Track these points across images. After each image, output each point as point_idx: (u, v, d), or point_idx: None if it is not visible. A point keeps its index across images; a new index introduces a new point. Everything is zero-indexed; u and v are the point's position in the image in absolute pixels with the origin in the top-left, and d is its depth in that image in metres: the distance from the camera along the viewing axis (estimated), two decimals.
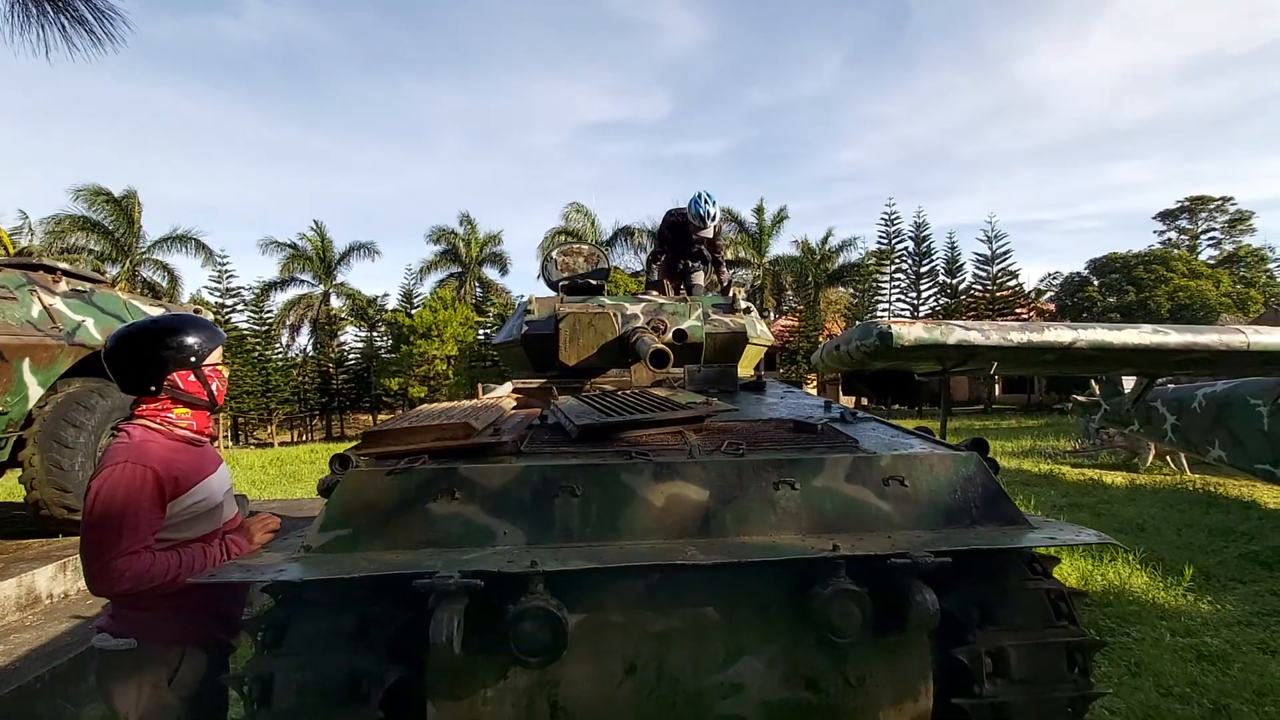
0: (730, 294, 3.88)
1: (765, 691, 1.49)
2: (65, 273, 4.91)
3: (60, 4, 1.54)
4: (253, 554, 1.66)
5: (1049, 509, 7.57)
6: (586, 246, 4.43)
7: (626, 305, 3.49)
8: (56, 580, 4.15)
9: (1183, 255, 25.76)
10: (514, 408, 2.48)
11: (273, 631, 1.43)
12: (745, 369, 3.77)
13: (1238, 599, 4.62)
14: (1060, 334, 3.28)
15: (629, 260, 28.56)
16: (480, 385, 3.02)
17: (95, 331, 4.83)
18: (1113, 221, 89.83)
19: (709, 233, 4.23)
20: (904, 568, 1.37)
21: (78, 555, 4.15)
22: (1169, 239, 32.09)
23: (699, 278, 4.50)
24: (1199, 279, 23.86)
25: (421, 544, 1.49)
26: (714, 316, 3.55)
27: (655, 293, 4.00)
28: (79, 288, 4.92)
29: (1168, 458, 10.37)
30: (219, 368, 1.75)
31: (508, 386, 3.12)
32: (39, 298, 4.48)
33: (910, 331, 3.05)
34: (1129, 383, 9.54)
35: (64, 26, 1.57)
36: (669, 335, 3.31)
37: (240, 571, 1.46)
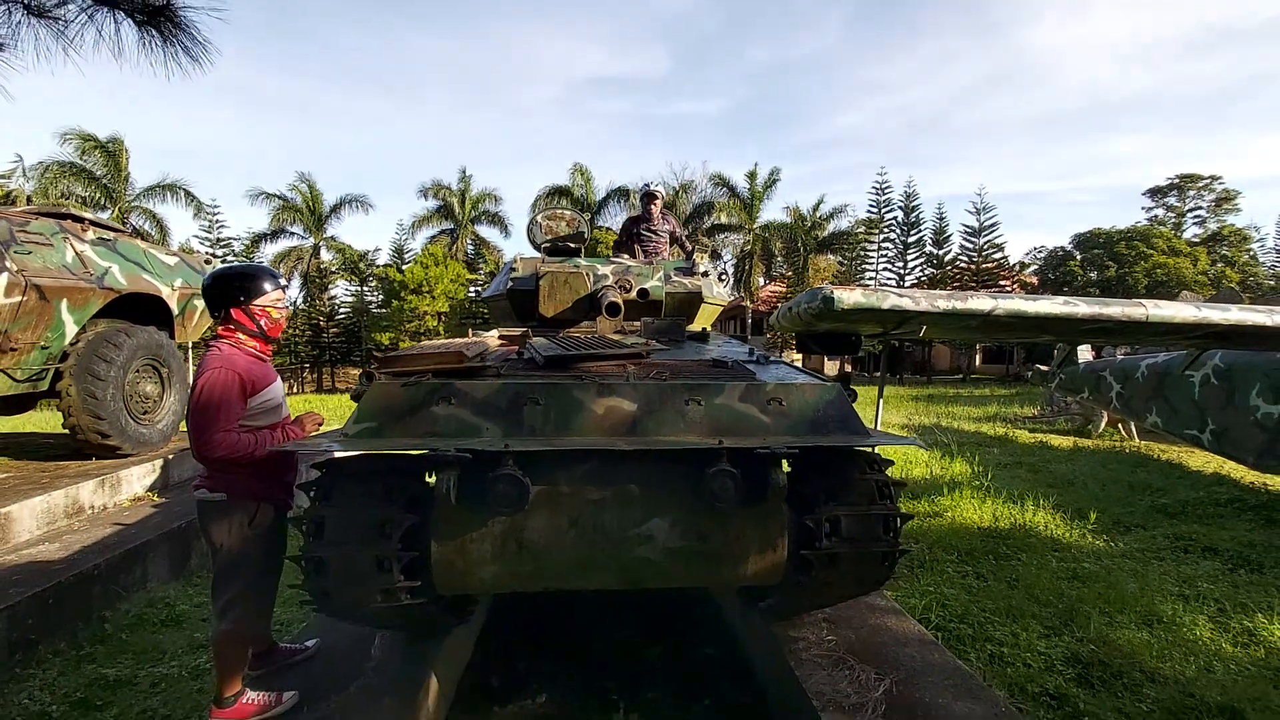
0: (692, 259, 4.42)
1: (669, 542, 2.11)
2: (92, 222, 5.37)
3: (175, 41, 1.98)
4: (306, 438, 2.26)
5: (993, 465, 8.27)
6: (568, 212, 4.93)
7: (599, 266, 4.03)
8: (97, 494, 4.75)
9: (1164, 232, 26.31)
10: (498, 347, 3.06)
11: (323, 491, 2.02)
12: (704, 324, 4.34)
13: (1133, 539, 5.31)
14: (981, 302, 3.81)
15: (619, 222, 28.82)
16: (471, 330, 3.58)
17: (120, 277, 5.32)
18: (1110, 195, 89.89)
19: (656, 210, 4.90)
20: (765, 456, 1.97)
21: (116, 472, 4.76)
22: (1156, 215, 32.60)
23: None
24: (1178, 256, 24.49)
25: (426, 435, 2.06)
26: (674, 278, 4.09)
27: (626, 256, 4.55)
28: (104, 237, 5.38)
29: (1119, 425, 11.09)
30: (267, 308, 2.30)
31: (494, 333, 3.67)
32: (71, 245, 4.95)
33: (849, 296, 3.59)
34: (1085, 354, 10.20)
35: (177, 54, 2.01)
36: (633, 293, 3.87)
37: (303, 446, 2.05)
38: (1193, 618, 3.70)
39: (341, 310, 33.43)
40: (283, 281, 2.39)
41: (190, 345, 6.92)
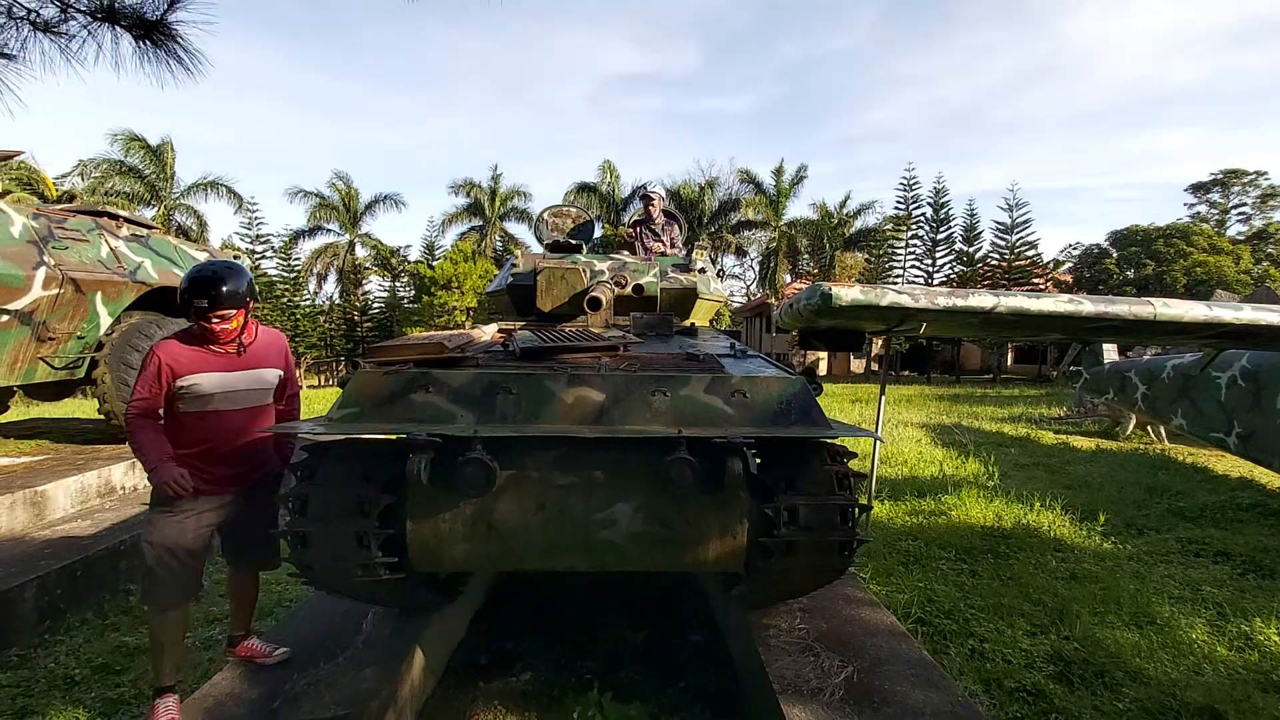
0: (691, 256, 4.49)
1: (631, 526, 2.21)
2: (126, 219, 5.66)
3: (169, 53, 2.14)
4: (291, 423, 2.42)
5: (1009, 466, 8.17)
6: (574, 209, 5.05)
7: (596, 262, 4.13)
8: (128, 475, 5.03)
9: (1205, 230, 25.35)
10: (494, 339, 3.19)
11: (307, 471, 2.17)
12: (700, 320, 4.41)
13: (1142, 542, 5.21)
14: (983, 300, 3.80)
15: None
16: (469, 322, 3.72)
17: (152, 271, 5.61)
18: (1151, 191, 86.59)
19: (655, 210, 4.98)
20: (722, 445, 2.05)
21: None
22: (1199, 212, 31.44)
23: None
24: (1219, 254, 23.59)
25: (405, 420, 2.19)
26: (670, 274, 4.18)
27: (626, 253, 4.65)
28: (138, 233, 5.68)
29: (1148, 427, 10.79)
30: (201, 319, 2.27)
31: (493, 326, 3.80)
32: (106, 240, 5.24)
33: (847, 293, 3.61)
34: (1111, 353, 9.96)
35: (170, 66, 2.17)
36: (629, 289, 3.97)
37: (289, 428, 2.20)
38: (1189, 620, 3.65)
39: (375, 305, 34.19)
40: (206, 295, 2.24)
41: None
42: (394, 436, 2.21)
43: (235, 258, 7.13)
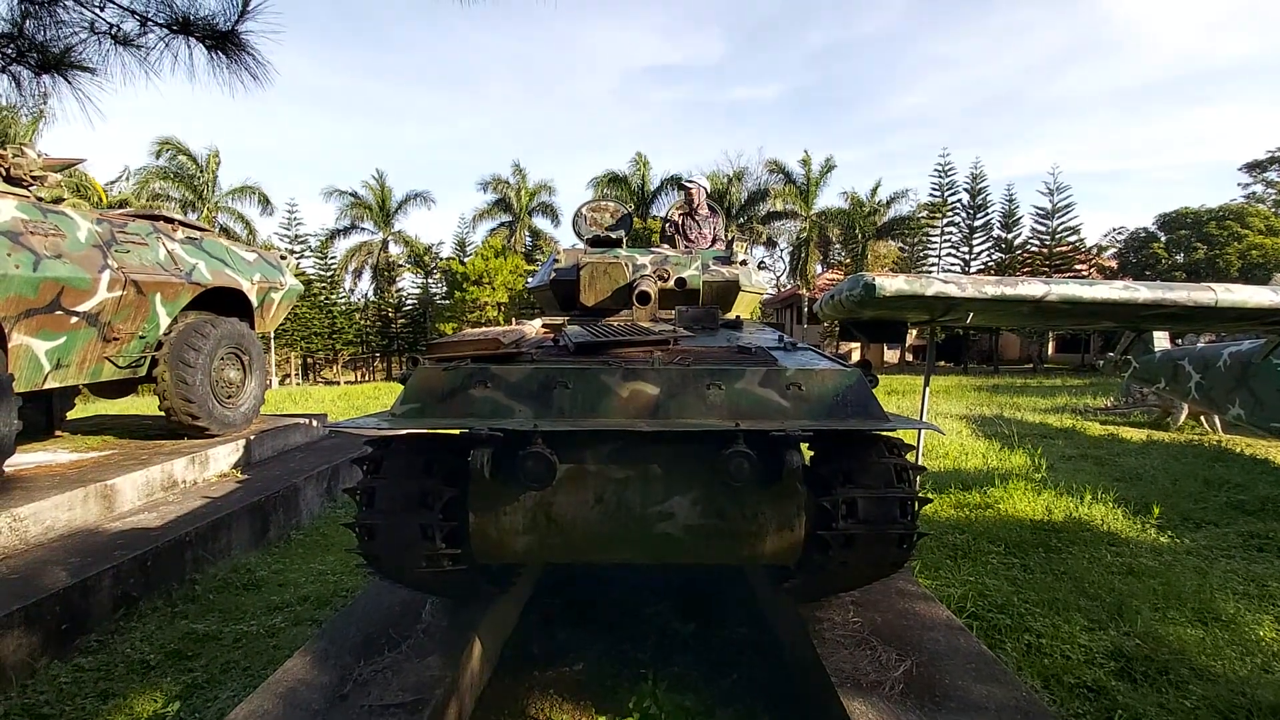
0: (732, 248, 4.47)
1: (688, 519, 2.23)
2: (181, 223, 5.86)
3: (240, 63, 2.23)
4: (361, 418, 2.49)
5: (1056, 458, 7.96)
6: (612, 204, 5.06)
7: (638, 256, 4.14)
8: (189, 470, 5.23)
9: (1261, 211, 24.24)
10: (540, 334, 3.24)
11: (373, 465, 2.24)
12: (743, 312, 4.39)
13: (1201, 536, 5.04)
14: (1033, 288, 3.72)
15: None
16: (515, 318, 3.77)
17: (206, 272, 5.80)
18: (1201, 172, 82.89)
19: (698, 200, 4.95)
20: (780, 438, 2.05)
21: (205, 450, 5.20)
22: (1254, 192, 30.06)
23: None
24: (1276, 236, 22.56)
25: (466, 415, 2.24)
26: (712, 267, 4.17)
27: (667, 246, 4.65)
28: (192, 236, 5.87)
29: (1201, 418, 10.40)
30: None
31: (538, 322, 3.85)
32: (163, 243, 5.44)
33: (892, 283, 3.56)
34: (1162, 341, 9.62)
35: (241, 75, 2.26)
36: (671, 282, 3.97)
37: (355, 424, 2.27)
38: (1255, 617, 3.53)
39: (408, 302, 34.85)
40: None
41: (272, 335, 7.48)
42: (456, 431, 2.26)
43: (281, 258, 7.34)
